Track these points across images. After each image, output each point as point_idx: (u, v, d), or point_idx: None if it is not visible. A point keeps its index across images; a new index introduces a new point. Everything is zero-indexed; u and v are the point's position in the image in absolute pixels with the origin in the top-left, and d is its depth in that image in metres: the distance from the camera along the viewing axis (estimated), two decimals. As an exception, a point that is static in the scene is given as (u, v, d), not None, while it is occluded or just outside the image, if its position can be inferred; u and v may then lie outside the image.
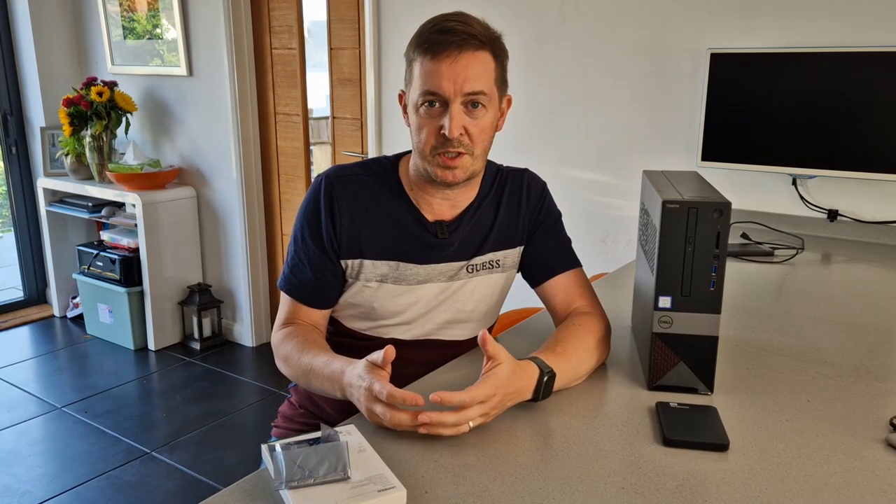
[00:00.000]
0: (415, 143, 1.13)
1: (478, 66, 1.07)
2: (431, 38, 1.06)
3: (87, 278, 3.55)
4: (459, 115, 1.07)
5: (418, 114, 1.10)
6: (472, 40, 1.06)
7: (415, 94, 1.09)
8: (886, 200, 1.94)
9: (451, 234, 1.19)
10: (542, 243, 1.26)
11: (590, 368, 1.11)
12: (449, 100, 1.06)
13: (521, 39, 2.44)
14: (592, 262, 2.40)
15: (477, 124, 1.09)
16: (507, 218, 1.24)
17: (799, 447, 0.90)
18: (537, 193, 1.27)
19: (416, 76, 1.09)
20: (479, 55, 1.07)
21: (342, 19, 2.96)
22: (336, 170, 1.20)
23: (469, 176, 1.13)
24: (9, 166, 3.88)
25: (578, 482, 0.82)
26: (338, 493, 0.76)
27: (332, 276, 1.19)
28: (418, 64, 1.08)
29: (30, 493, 2.33)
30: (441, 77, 1.05)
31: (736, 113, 1.99)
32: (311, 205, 1.18)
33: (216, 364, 3.36)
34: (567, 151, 2.44)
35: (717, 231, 0.97)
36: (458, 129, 1.07)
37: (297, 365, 1.11)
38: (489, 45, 1.09)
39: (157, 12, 3.42)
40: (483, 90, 1.08)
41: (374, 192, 1.18)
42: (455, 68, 1.05)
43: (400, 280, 1.18)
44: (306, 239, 1.18)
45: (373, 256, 1.17)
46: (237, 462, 2.51)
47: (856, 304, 1.45)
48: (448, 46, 1.05)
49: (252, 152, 3.38)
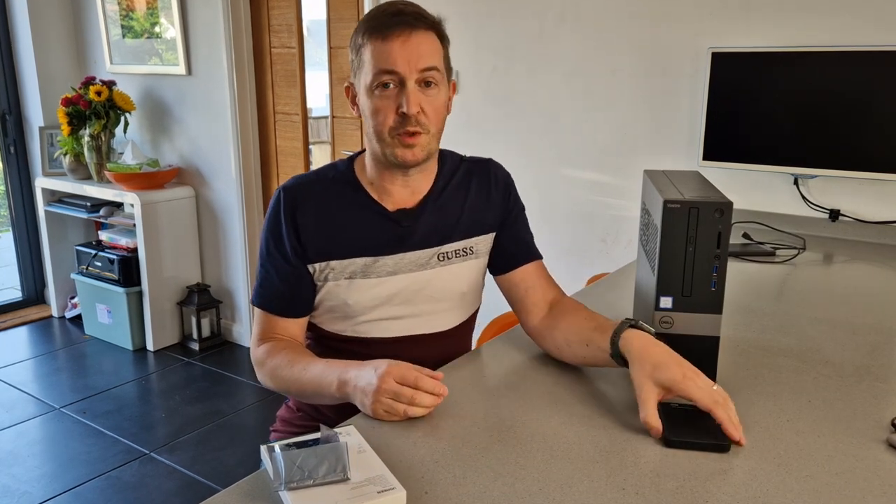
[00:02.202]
0: (371, 126, 1.14)
1: (429, 44, 1.10)
2: (382, 21, 1.09)
3: (85, 278, 3.55)
4: (416, 92, 1.09)
5: (373, 96, 1.11)
6: (421, 20, 1.10)
7: (367, 77, 1.11)
8: (888, 200, 1.93)
9: (415, 221, 1.20)
10: (511, 233, 1.28)
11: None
12: (405, 77, 1.08)
13: (522, 39, 2.44)
14: (593, 262, 2.40)
15: (432, 102, 1.11)
16: (478, 204, 1.25)
17: (800, 448, 0.89)
18: (504, 182, 1.29)
19: (368, 60, 1.10)
20: (429, 34, 1.11)
21: (341, 18, 2.96)
22: (293, 180, 1.22)
23: (427, 156, 1.15)
24: (7, 166, 3.88)
25: (578, 483, 0.82)
26: (337, 494, 0.75)
27: (301, 284, 1.19)
28: (369, 48, 1.10)
29: (29, 493, 2.33)
30: (395, 56, 1.08)
31: (737, 112, 1.98)
32: (273, 217, 1.19)
33: (215, 364, 3.36)
34: (567, 151, 2.44)
35: (719, 231, 0.97)
36: (417, 107, 1.09)
37: (288, 375, 1.11)
38: (435, 28, 1.13)
39: (155, 11, 3.42)
40: (436, 66, 1.11)
41: (333, 194, 1.20)
42: (408, 46, 1.08)
43: (369, 274, 1.19)
44: (272, 251, 1.19)
45: (340, 256, 1.18)
46: (237, 463, 2.51)
47: (857, 304, 1.45)
48: (399, 26, 1.08)
49: (251, 152, 3.38)
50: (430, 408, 0.95)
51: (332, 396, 1.04)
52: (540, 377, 1.10)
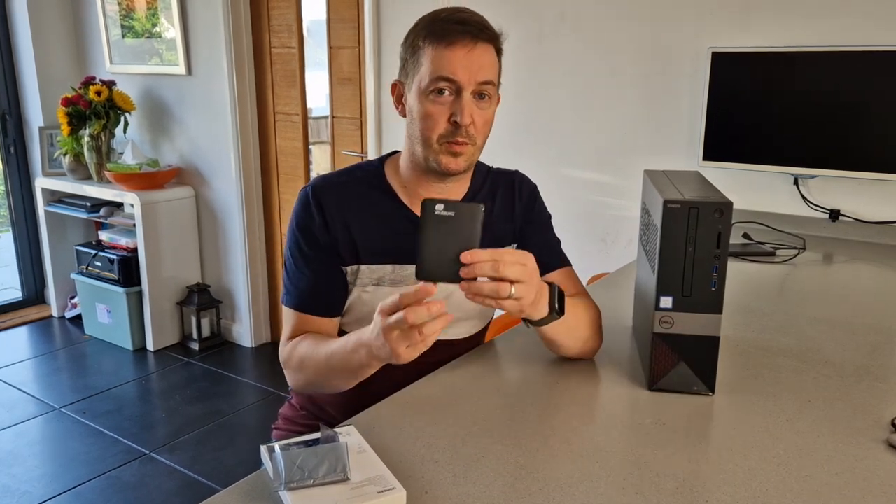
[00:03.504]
0: (418, 130, 1.11)
1: (489, 57, 1.10)
2: (446, 27, 1.07)
3: (85, 278, 3.55)
4: (471, 103, 1.09)
5: (427, 100, 1.09)
6: (485, 32, 1.09)
7: (423, 81, 1.09)
8: (888, 200, 1.93)
9: None
10: (535, 242, 1.26)
11: (586, 336, 1.13)
12: (462, 87, 1.07)
13: (521, 39, 2.44)
14: (593, 262, 2.40)
15: (483, 115, 1.11)
16: (501, 216, 1.25)
17: (799, 447, 0.90)
18: (529, 193, 1.29)
19: (426, 63, 1.08)
20: (489, 48, 1.10)
21: (342, 18, 2.96)
22: (321, 179, 1.20)
23: (469, 166, 1.14)
24: (7, 166, 3.88)
25: (578, 482, 0.82)
26: (337, 494, 0.75)
27: (334, 279, 1.17)
28: (429, 51, 1.08)
29: (29, 493, 2.33)
30: (457, 64, 1.06)
31: (737, 112, 1.98)
32: (303, 215, 1.16)
33: (215, 364, 3.36)
34: (567, 151, 2.44)
35: (719, 231, 0.97)
36: (470, 117, 1.08)
37: (316, 359, 1.08)
38: (495, 42, 1.11)
39: (156, 11, 3.42)
40: (493, 81, 1.10)
41: (362, 196, 1.18)
42: (471, 57, 1.07)
43: (397, 282, 1.17)
44: (302, 247, 1.16)
45: (369, 261, 1.16)
46: (237, 463, 2.51)
47: (857, 304, 1.45)
48: (465, 35, 1.07)
49: (251, 152, 3.38)
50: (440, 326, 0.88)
51: (360, 364, 1.00)
52: (540, 377, 1.10)
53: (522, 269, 0.91)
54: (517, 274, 0.90)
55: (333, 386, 1.11)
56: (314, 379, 1.12)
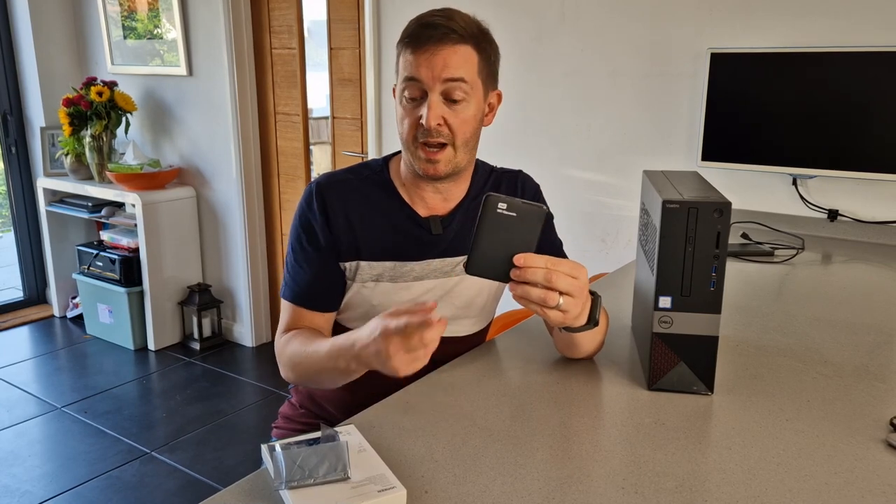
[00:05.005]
0: (399, 133, 1.15)
1: (456, 58, 1.08)
2: (414, 31, 1.09)
3: (86, 278, 3.55)
4: (438, 105, 1.09)
5: (402, 104, 1.13)
6: (451, 34, 1.08)
7: (399, 84, 1.12)
8: (887, 200, 1.94)
9: (446, 228, 1.20)
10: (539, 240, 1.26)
11: (601, 339, 1.13)
12: (428, 88, 1.08)
13: (521, 39, 2.44)
14: (592, 262, 2.41)
15: (457, 115, 1.10)
16: None
17: (799, 447, 0.90)
18: (532, 194, 1.30)
19: (400, 66, 1.12)
20: (459, 49, 1.09)
21: (342, 19, 2.96)
22: (326, 176, 1.21)
23: (453, 169, 1.14)
24: (8, 166, 3.88)
25: (578, 482, 0.82)
26: (338, 493, 0.75)
27: (332, 277, 1.19)
28: (402, 56, 1.11)
29: (29, 493, 2.33)
30: (421, 65, 1.08)
31: (736, 113, 1.98)
32: (306, 211, 1.19)
33: (216, 364, 3.36)
34: (567, 151, 2.44)
35: (718, 231, 0.97)
36: (436, 119, 1.08)
37: (305, 357, 1.09)
38: (471, 40, 1.10)
39: (157, 12, 3.42)
40: (462, 77, 1.09)
41: (365, 194, 1.20)
42: (433, 60, 1.08)
43: (396, 278, 1.19)
44: (303, 244, 1.18)
45: (369, 258, 1.18)
46: (237, 462, 2.51)
47: (856, 304, 1.45)
48: (427, 41, 1.08)
49: (252, 152, 3.38)
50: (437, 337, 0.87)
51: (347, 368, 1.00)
52: (540, 377, 1.11)
53: (574, 282, 0.90)
54: (568, 286, 0.90)
55: (322, 385, 1.14)
56: (304, 371, 1.13)
